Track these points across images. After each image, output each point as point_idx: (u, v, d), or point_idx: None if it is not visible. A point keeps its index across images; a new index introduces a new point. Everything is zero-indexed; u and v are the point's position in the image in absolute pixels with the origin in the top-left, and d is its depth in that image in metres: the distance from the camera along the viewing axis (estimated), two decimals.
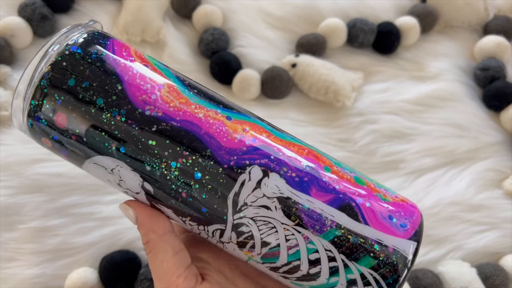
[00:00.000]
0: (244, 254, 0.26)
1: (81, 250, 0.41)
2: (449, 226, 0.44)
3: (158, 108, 0.24)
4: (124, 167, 0.25)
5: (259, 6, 0.54)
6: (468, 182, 0.47)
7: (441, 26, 0.56)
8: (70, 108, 0.24)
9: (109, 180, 0.26)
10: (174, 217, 0.27)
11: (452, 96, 0.51)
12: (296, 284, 0.26)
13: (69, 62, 0.25)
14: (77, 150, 0.25)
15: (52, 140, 0.26)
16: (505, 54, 0.53)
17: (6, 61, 0.48)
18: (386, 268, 0.25)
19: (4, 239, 0.40)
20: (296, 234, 0.24)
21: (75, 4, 0.52)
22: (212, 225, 0.25)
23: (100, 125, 0.24)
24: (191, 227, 0.26)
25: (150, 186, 0.25)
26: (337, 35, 0.52)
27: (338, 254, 0.24)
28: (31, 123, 0.26)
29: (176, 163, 0.24)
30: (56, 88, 0.24)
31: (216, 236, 0.26)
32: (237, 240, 0.25)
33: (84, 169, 0.27)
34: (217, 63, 0.50)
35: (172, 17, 0.53)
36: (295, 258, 0.25)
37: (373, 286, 0.25)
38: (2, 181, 0.42)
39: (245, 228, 0.25)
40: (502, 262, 0.43)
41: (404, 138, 0.49)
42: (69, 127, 0.25)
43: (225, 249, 0.27)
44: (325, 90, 0.49)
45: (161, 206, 0.26)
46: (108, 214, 0.42)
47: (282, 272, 0.26)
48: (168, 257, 0.27)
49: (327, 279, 0.25)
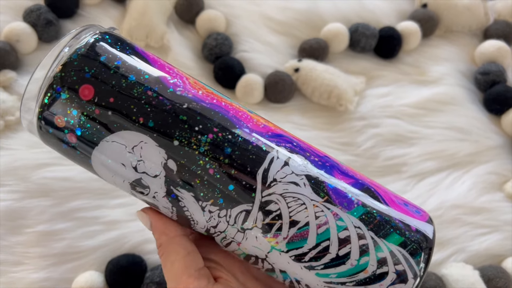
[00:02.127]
0: (268, 242, 0.25)
1: (87, 254, 0.41)
2: (452, 229, 0.45)
3: (188, 91, 0.25)
4: (149, 142, 0.24)
5: (262, 12, 0.54)
6: (469, 185, 0.47)
7: (442, 30, 0.56)
8: (100, 79, 0.24)
9: (123, 164, 0.25)
10: (192, 204, 0.25)
11: (453, 100, 0.52)
12: (322, 275, 0.25)
13: (105, 42, 0.26)
14: (97, 126, 0.24)
15: (69, 116, 0.24)
16: (506, 59, 0.54)
17: (11, 66, 0.48)
18: (413, 246, 0.25)
19: (11, 243, 0.41)
20: (325, 210, 0.24)
21: (79, 9, 0.52)
22: (237, 206, 0.24)
23: (130, 98, 0.24)
24: (209, 217, 0.25)
25: (174, 164, 0.24)
26: (339, 40, 0.53)
27: (367, 231, 0.24)
28: (49, 97, 0.24)
29: (206, 138, 0.24)
30: (88, 59, 0.25)
31: (238, 222, 0.25)
32: (262, 222, 0.24)
33: (96, 153, 0.25)
34: (220, 68, 0.50)
35: (175, 22, 0.53)
36: (325, 237, 0.24)
37: (403, 264, 0.24)
38: (9, 185, 0.42)
39: (274, 206, 0.24)
40: (504, 265, 0.43)
41: (406, 142, 0.49)
42: (95, 100, 0.24)
43: (242, 245, 0.25)
44: (327, 94, 0.50)
45: (180, 191, 0.25)
46: (114, 218, 0.42)
47: (308, 259, 0.24)
48: (179, 258, 0.27)
49: (357, 260, 0.24)
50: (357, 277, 0.24)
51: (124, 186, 0.26)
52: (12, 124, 0.45)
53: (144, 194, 0.26)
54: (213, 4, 0.54)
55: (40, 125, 0.25)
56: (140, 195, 0.26)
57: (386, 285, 0.24)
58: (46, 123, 0.25)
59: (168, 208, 0.26)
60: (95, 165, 0.26)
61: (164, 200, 0.26)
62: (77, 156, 0.26)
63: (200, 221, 0.26)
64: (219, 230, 0.25)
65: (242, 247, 0.26)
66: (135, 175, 0.25)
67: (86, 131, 0.25)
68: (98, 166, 0.26)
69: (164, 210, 0.27)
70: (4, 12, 0.50)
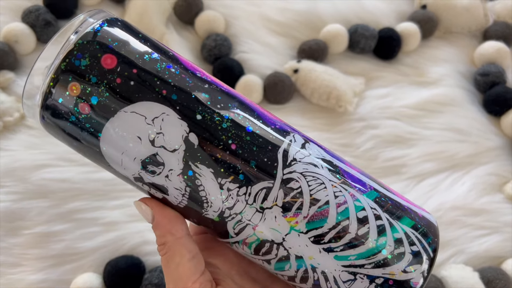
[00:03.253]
0: (287, 222, 0.24)
1: (85, 255, 0.41)
2: (451, 230, 0.45)
3: (207, 76, 0.26)
4: (171, 114, 0.24)
5: (261, 13, 0.54)
6: (469, 186, 0.47)
7: (441, 32, 0.56)
8: (123, 51, 0.24)
9: (139, 138, 0.24)
10: (210, 181, 0.24)
11: (453, 101, 0.52)
12: (341, 258, 0.25)
13: (123, 24, 0.26)
14: (117, 95, 0.24)
15: (87, 83, 0.24)
16: (505, 60, 0.54)
17: (10, 67, 0.48)
18: (423, 229, 0.26)
19: (9, 245, 0.40)
20: (343, 191, 0.25)
21: (78, 10, 0.52)
22: (258, 183, 0.24)
23: (154, 71, 0.24)
24: (226, 196, 0.24)
25: (195, 137, 0.24)
26: (339, 41, 0.53)
27: (382, 212, 0.25)
28: (67, 63, 0.24)
29: (228, 116, 0.25)
30: (111, 33, 0.25)
31: (258, 201, 0.24)
32: (283, 200, 0.24)
33: (110, 125, 0.24)
34: (219, 69, 0.50)
35: (175, 23, 0.53)
36: (344, 216, 0.24)
37: (417, 245, 0.25)
38: (7, 186, 0.42)
39: (295, 183, 0.24)
40: (504, 266, 0.43)
41: (406, 143, 0.49)
42: (118, 69, 0.24)
43: (258, 228, 0.25)
44: (327, 95, 0.50)
45: (199, 166, 0.24)
46: (113, 219, 0.42)
47: (328, 240, 0.24)
48: (184, 261, 0.26)
49: (376, 240, 0.24)
50: (376, 258, 0.24)
51: (131, 169, 0.25)
52: (11, 125, 0.45)
53: (156, 173, 0.25)
54: (212, 5, 0.54)
55: (50, 94, 0.24)
56: (149, 176, 0.25)
57: (404, 266, 0.24)
58: (57, 92, 0.24)
59: (180, 190, 0.25)
60: (104, 141, 0.25)
61: (178, 179, 0.25)
62: (82, 133, 0.25)
63: (216, 202, 0.25)
64: (235, 212, 0.25)
65: (258, 230, 0.25)
66: (150, 150, 0.24)
67: (104, 100, 0.24)
68: (107, 143, 0.25)
69: (174, 193, 0.25)
70: (3, 12, 0.50)
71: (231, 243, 0.26)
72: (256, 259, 0.26)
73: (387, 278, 0.24)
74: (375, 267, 0.24)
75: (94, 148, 0.25)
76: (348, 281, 0.25)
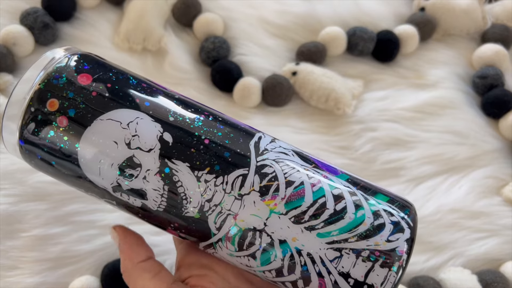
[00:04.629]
0: (266, 205, 0.25)
1: (83, 258, 0.41)
2: (450, 233, 0.45)
3: (174, 92, 0.29)
4: (144, 118, 0.26)
5: (260, 15, 0.54)
6: (467, 189, 0.47)
7: (440, 34, 0.56)
8: (98, 71, 0.27)
9: (115, 142, 0.25)
10: (187, 176, 0.25)
11: (451, 103, 0.52)
12: (323, 235, 0.25)
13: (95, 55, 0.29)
14: (93, 106, 0.26)
15: (64, 98, 0.26)
16: (503, 62, 0.54)
17: (8, 69, 0.48)
18: (399, 203, 0.27)
19: (6, 247, 0.40)
20: (316, 174, 0.26)
21: (76, 12, 0.52)
22: (234, 171, 0.25)
23: (127, 85, 0.27)
24: (204, 188, 0.25)
25: (169, 136, 0.26)
26: (337, 43, 0.53)
27: (356, 190, 0.26)
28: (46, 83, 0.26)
29: (199, 116, 0.27)
30: (86, 58, 0.28)
31: (235, 188, 0.25)
32: (260, 185, 0.25)
33: (87, 134, 0.26)
34: (218, 71, 0.50)
35: (173, 25, 0.53)
36: (320, 194, 0.25)
37: (396, 216, 0.26)
38: (4, 189, 0.42)
39: (269, 169, 0.26)
40: (502, 269, 0.43)
41: (404, 146, 0.49)
42: (93, 84, 0.26)
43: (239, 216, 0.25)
44: (325, 98, 0.50)
45: (175, 162, 0.25)
46: (110, 222, 0.42)
47: (308, 218, 0.25)
48: (146, 282, 0.27)
49: (354, 213, 0.25)
50: (357, 231, 0.25)
51: (109, 177, 0.26)
52: None
53: (133, 176, 0.26)
54: (210, 7, 0.54)
55: (29, 113, 0.26)
56: (127, 181, 0.26)
57: (386, 235, 0.25)
58: (36, 109, 0.26)
59: (158, 190, 0.26)
60: (82, 151, 0.26)
61: (156, 179, 0.25)
62: (61, 149, 0.26)
63: (195, 196, 0.25)
64: (214, 203, 0.25)
65: (239, 219, 0.25)
66: (127, 153, 0.25)
67: (80, 111, 0.26)
68: (85, 153, 0.26)
69: (152, 195, 0.26)
70: (1, 15, 0.50)
71: (215, 243, 0.26)
72: (242, 257, 0.26)
73: (373, 250, 0.25)
74: (358, 239, 0.25)
75: (72, 165, 0.26)
76: (335, 259, 0.25)
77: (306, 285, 0.26)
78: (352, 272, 0.24)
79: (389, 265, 0.24)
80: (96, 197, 0.28)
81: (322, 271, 0.25)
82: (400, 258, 0.25)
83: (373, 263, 0.24)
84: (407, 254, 0.25)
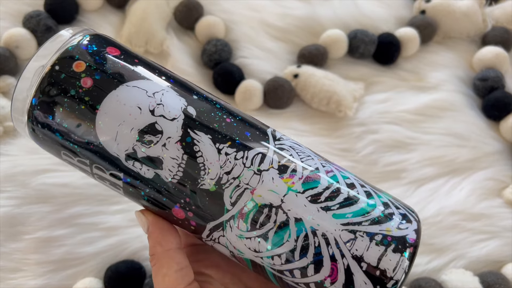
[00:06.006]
0: (284, 182, 0.25)
1: (86, 260, 0.41)
2: (451, 235, 0.45)
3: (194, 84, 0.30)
4: (170, 91, 0.26)
5: (261, 18, 0.54)
6: (468, 191, 0.48)
7: (440, 37, 0.57)
8: (125, 48, 0.28)
9: (139, 108, 0.25)
10: (208, 147, 0.25)
11: (452, 106, 0.52)
12: (339, 216, 0.25)
13: None
14: (120, 73, 0.26)
15: (92, 61, 0.26)
16: (504, 65, 0.54)
17: (10, 72, 0.48)
18: (401, 203, 0.27)
19: (10, 250, 0.40)
20: (328, 164, 0.27)
21: (79, 15, 0.52)
22: (254, 148, 0.26)
23: (154, 63, 0.28)
24: (224, 160, 0.25)
25: (194, 110, 0.26)
26: (338, 46, 0.53)
27: (365, 183, 0.27)
28: (75, 46, 0.26)
29: (220, 102, 0.28)
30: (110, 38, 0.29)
31: (255, 164, 0.25)
32: (278, 163, 0.26)
33: (111, 96, 0.25)
34: (220, 74, 0.51)
35: (175, 28, 0.54)
36: (334, 180, 0.26)
37: (402, 209, 0.26)
38: (8, 191, 0.42)
39: (286, 152, 0.26)
40: (504, 271, 0.43)
41: (405, 148, 0.49)
42: (121, 57, 0.27)
43: (257, 191, 0.25)
44: (327, 100, 0.50)
45: (197, 133, 0.25)
46: (113, 224, 0.42)
47: (324, 199, 0.25)
48: (171, 272, 0.26)
49: (366, 201, 0.26)
50: (370, 216, 0.25)
51: (126, 142, 0.25)
52: (12, 130, 0.45)
53: (152, 143, 0.25)
54: (212, 10, 0.54)
55: (55, 70, 0.26)
56: (145, 147, 0.25)
57: (397, 223, 0.25)
58: (61, 67, 0.26)
59: (176, 159, 0.25)
60: (101, 114, 0.25)
61: (176, 147, 0.25)
62: (79, 108, 0.25)
63: (213, 167, 0.25)
64: (233, 176, 0.25)
65: (256, 194, 0.25)
66: (150, 119, 0.25)
67: (107, 76, 0.26)
68: (105, 115, 0.25)
69: (169, 164, 0.25)
70: (4, 18, 0.50)
71: (225, 222, 0.26)
72: (252, 239, 0.25)
73: (385, 235, 0.25)
74: (371, 224, 0.25)
75: (86, 128, 0.25)
76: (349, 241, 0.25)
77: (317, 272, 0.25)
78: (365, 256, 0.24)
79: (401, 250, 0.24)
80: (99, 171, 0.27)
81: (335, 254, 0.25)
82: (411, 245, 0.25)
83: (386, 247, 0.24)
84: (416, 244, 0.25)
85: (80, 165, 0.27)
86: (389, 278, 0.24)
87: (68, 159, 0.28)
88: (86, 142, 0.26)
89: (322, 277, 0.25)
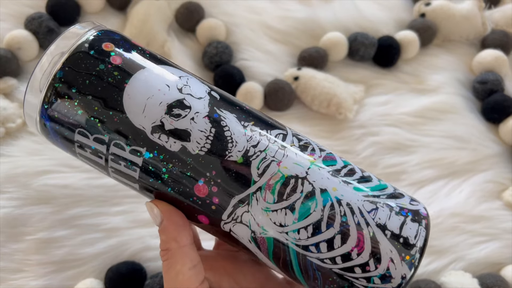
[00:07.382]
0: (307, 158, 0.26)
1: (87, 261, 0.41)
2: (451, 237, 0.45)
3: None
4: (194, 78, 0.28)
5: (262, 20, 0.54)
6: (468, 193, 0.48)
7: (440, 40, 0.57)
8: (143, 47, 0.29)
9: (167, 85, 0.26)
10: (235, 123, 0.26)
11: (452, 108, 0.52)
12: (359, 189, 0.26)
13: None
14: (147, 56, 0.27)
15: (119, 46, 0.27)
16: (503, 68, 0.54)
17: (12, 74, 0.48)
18: None
19: (11, 250, 0.40)
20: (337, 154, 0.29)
21: (80, 17, 0.53)
22: (276, 129, 0.28)
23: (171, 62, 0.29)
24: (250, 135, 0.26)
25: (217, 94, 0.28)
26: (339, 49, 0.53)
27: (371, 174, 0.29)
28: (103, 31, 0.28)
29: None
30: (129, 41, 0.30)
31: (278, 140, 0.27)
32: (299, 143, 0.27)
33: (142, 73, 0.26)
34: (220, 76, 0.51)
35: (176, 30, 0.54)
36: (348, 163, 0.28)
37: (405, 196, 0.28)
38: (9, 192, 0.42)
39: (303, 137, 0.28)
40: (503, 273, 0.43)
41: (405, 150, 0.50)
42: (145, 48, 0.28)
43: (283, 164, 0.26)
44: (327, 103, 0.50)
45: (223, 111, 0.27)
46: (114, 225, 0.42)
47: (344, 175, 0.27)
48: (185, 270, 0.26)
49: (378, 180, 0.28)
50: (386, 191, 0.27)
51: (154, 115, 0.25)
52: (13, 131, 0.45)
53: (181, 116, 0.25)
54: (213, 12, 0.54)
55: (85, 47, 0.26)
56: (173, 119, 0.25)
57: (408, 201, 0.27)
58: (90, 44, 0.26)
59: (204, 132, 0.25)
60: (130, 88, 0.26)
61: (204, 121, 0.26)
62: (106, 82, 0.26)
63: (240, 141, 0.26)
64: (259, 149, 0.26)
65: (282, 166, 0.26)
66: (178, 96, 0.26)
67: (135, 57, 0.27)
68: (133, 89, 0.26)
69: (197, 136, 0.25)
70: (6, 19, 0.51)
71: (252, 194, 0.25)
72: (278, 212, 0.25)
73: (402, 207, 0.26)
74: (388, 198, 0.27)
75: (112, 100, 0.26)
76: (372, 210, 0.26)
77: (343, 242, 0.25)
78: (388, 224, 0.25)
79: (418, 221, 0.26)
80: (118, 150, 0.26)
81: (361, 222, 0.25)
82: (425, 218, 0.27)
83: (404, 218, 0.26)
84: (428, 218, 0.27)
85: (95, 144, 0.26)
86: (412, 245, 0.25)
87: (81, 139, 0.26)
88: (110, 114, 0.26)
89: (349, 248, 0.25)
